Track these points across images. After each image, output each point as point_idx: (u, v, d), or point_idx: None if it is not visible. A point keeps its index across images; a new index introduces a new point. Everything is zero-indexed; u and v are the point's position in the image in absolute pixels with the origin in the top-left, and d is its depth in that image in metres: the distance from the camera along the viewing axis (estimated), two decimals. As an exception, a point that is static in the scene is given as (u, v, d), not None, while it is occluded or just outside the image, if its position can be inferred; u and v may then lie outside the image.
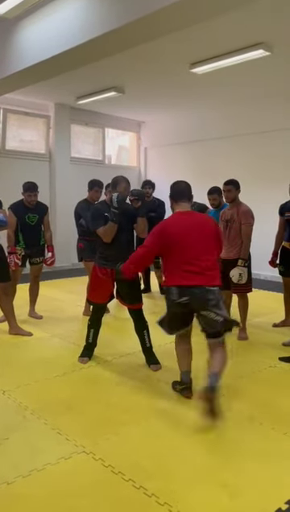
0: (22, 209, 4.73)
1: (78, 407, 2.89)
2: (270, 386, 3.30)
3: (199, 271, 2.79)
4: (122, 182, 3.47)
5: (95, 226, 3.47)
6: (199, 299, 2.78)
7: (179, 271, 2.83)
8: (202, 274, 2.79)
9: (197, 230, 2.90)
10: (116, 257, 3.43)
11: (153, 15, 3.50)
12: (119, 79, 6.68)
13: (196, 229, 2.90)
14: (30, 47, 4.82)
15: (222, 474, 2.20)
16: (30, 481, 2.12)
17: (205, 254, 2.84)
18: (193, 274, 2.79)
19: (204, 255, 2.84)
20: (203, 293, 2.77)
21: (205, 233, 2.91)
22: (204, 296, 2.77)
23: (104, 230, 3.41)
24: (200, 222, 2.96)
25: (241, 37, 4.91)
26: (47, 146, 8.62)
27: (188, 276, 2.79)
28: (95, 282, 3.61)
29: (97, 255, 3.58)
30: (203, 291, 2.77)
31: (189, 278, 2.79)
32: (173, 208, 3.06)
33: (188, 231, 2.88)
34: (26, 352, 3.97)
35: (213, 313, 2.79)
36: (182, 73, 6.07)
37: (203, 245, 2.87)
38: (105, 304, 3.77)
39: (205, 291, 2.77)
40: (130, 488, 2.08)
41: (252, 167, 7.74)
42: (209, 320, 2.82)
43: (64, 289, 6.70)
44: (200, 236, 2.88)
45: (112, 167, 9.54)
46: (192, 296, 2.78)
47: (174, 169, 9.08)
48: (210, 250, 2.89)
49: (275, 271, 4.85)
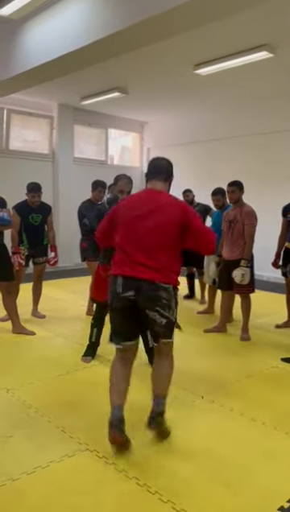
0: (26, 209, 4.75)
1: (81, 406, 2.91)
2: (272, 386, 3.32)
3: (152, 263, 2.28)
4: (123, 178, 3.51)
5: (97, 226, 3.49)
6: (148, 295, 2.29)
7: (126, 258, 2.33)
8: (156, 268, 2.28)
9: (153, 213, 2.32)
10: None
11: (157, 17, 3.53)
12: (123, 79, 6.71)
13: (152, 211, 2.33)
14: (35, 48, 4.85)
15: (225, 473, 2.21)
16: (34, 478, 2.14)
17: (163, 243, 2.31)
18: (144, 266, 2.28)
19: (162, 244, 2.31)
20: (155, 289, 2.28)
21: (162, 217, 2.32)
22: (155, 293, 2.28)
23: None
24: (166, 203, 2.38)
25: (245, 39, 4.94)
26: (50, 147, 8.65)
27: (137, 267, 2.28)
28: (98, 280, 3.63)
29: (101, 254, 3.61)
30: (155, 288, 2.28)
31: (138, 269, 2.28)
32: (146, 186, 2.55)
33: (145, 209, 2.35)
34: (30, 351, 4.00)
35: (158, 314, 2.32)
36: (186, 74, 6.10)
37: (163, 232, 2.31)
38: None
39: (157, 287, 2.28)
40: (134, 485, 2.10)
41: (255, 168, 7.75)
42: (150, 321, 2.37)
43: (66, 289, 6.72)
44: (154, 219, 2.31)
45: (115, 167, 9.56)
46: (139, 291, 2.28)
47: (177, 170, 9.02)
48: (172, 240, 2.33)
49: (278, 272, 4.87)
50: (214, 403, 2.99)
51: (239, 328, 4.47)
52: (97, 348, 3.75)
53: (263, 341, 4.32)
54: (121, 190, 3.49)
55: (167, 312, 2.35)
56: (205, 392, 3.14)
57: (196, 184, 6.65)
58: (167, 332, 2.41)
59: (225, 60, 5.52)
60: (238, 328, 4.53)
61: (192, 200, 5.89)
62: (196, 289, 6.05)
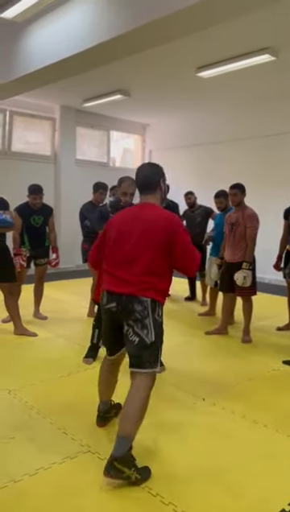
0: (28, 211, 4.77)
1: (83, 407, 2.91)
2: (274, 388, 3.32)
3: (132, 279, 2.21)
4: (127, 181, 3.51)
5: (98, 227, 3.51)
6: (125, 307, 2.22)
7: (109, 273, 2.32)
8: (133, 282, 2.21)
9: (141, 228, 2.25)
10: None
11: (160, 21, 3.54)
12: (125, 82, 6.73)
13: (140, 227, 2.25)
14: (38, 51, 4.87)
15: (227, 475, 2.22)
16: (36, 480, 2.15)
17: (143, 258, 2.22)
18: (122, 278, 2.24)
19: (142, 259, 2.22)
20: (130, 302, 2.21)
21: (151, 232, 2.23)
22: (130, 305, 2.21)
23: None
24: (149, 219, 2.27)
25: (247, 42, 4.95)
26: (52, 148, 8.67)
27: (116, 281, 2.26)
28: (100, 282, 3.62)
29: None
30: (131, 300, 2.21)
31: (117, 283, 2.26)
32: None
33: (129, 226, 2.29)
34: (31, 352, 4.00)
35: (131, 330, 2.22)
36: (188, 77, 6.11)
37: (143, 248, 2.22)
38: None
39: (132, 300, 2.21)
40: (135, 487, 2.10)
41: (257, 170, 7.76)
42: (126, 341, 2.26)
43: (68, 290, 6.73)
44: (142, 235, 2.23)
45: (117, 169, 9.58)
46: (119, 303, 2.24)
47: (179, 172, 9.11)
48: (152, 255, 2.22)
49: (280, 275, 4.87)
50: (216, 406, 2.99)
51: (241, 330, 4.47)
52: (98, 349, 3.75)
53: (264, 344, 4.32)
54: (124, 192, 3.49)
55: (139, 330, 2.19)
56: (207, 394, 3.14)
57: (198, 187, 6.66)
58: (138, 356, 2.19)
59: (228, 63, 5.54)
60: (239, 330, 4.53)
61: (194, 202, 5.90)
62: (198, 291, 6.06)
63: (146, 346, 2.19)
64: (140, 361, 2.21)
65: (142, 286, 2.20)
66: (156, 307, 2.23)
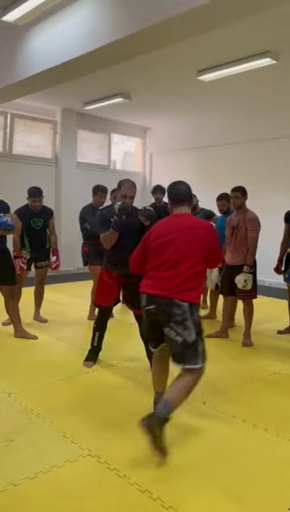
0: (28, 213, 4.77)
1: (83, 411, 2.91)
2: (274, 392, 3.31)
3: (170, 281, 2.43)
4: (126, 183, 3.48)
5: (99, 231, 3.49)
6: (163, 311, 2.43)
7: (150, 277, 2.53)
8: (173, 285, 2.42)
9: (185, 235, 2.51)
10: (122, 261, 3.45)
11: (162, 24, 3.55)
12: (126, 85, 6.75)
13: (184, 234, 2.52)
14: (39, 54, 4.88)
15: (226, 479, 2.21)
16: (36, 483, 2.14)
17: (186, 263, 2.45)
18: (163, 282, 2.45)
19: (184, 263, 2.45)
20: (168, 305, 2.41)
21: (191, 239, 2.51)
22: (168, 309, 2.41)
23: (103, 236, 3.43)
24: (190, 227, 2.56)
25: (248, 45, 4.97)
26: (53, 151, 8.69)
27: (157, 284, 2.47)
28: (101, 285, 3.63)
29: (105, 259, 3.61)
30: (168, 303, 2.40)
31: (157, 286, 2.46)
32: (171, 211, 2.73)
33: (172, 234, 2.53)
34: (32, 355, 4.00)
35: (173, 331, 2.42)
36: (189, 80, 6.13)
37: (186, 253, 2.47)
38: (111, 308, 3.79)
39: (170, 304, 2.40)
40: (135, 491, 2.09)
41: (258, 173, 7.77)
42: (168, 340, 2.48)
43: (68, 293, 6.73)
44: (185, 241, 2.49)
45: (117, 172, 9.59)
46: (157, 306, 2.45)
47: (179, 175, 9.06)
48: (194, 259, 2.47)
49: (280, 278, 4.87)
50: (216, 409, 2.98)
51: (241, 333, 4.47)
52: (98, 352, 3.75)
53: (265, 347, 4.31)
54: (124, 195, 3.47)
55: (181, 331, 2.41)
56: (207, 398, 3.13)
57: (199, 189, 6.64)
58: (181, 353, 2.43)
59: (229, 67, 5.55)
60: (239, 333, 4.52)
61: (196, 205, 5.88)
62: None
63: (188, 345, 2.41)
64: (182, 358, 2.44)
65: (181, 290, 2.42)
66: (193, 310, 2.45)
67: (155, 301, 2.46)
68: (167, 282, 2.44)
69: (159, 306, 2.45)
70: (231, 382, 3.43)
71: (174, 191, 2.74)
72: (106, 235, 3.40)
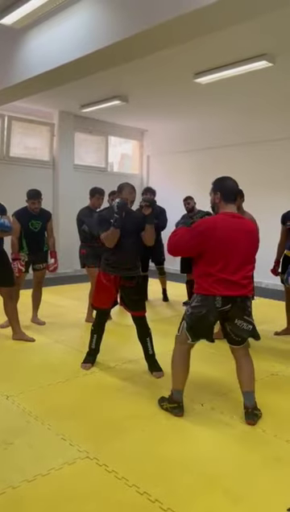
0: (26, 216, 4.78)
1: (82, 413, 2.91)
2: (272, 393, 3.32)
3: (241, 281, 2.69)
4: (127, 187, 3.50)
5: (99, 231, 3.49)
6: (239, 307, 2.73)
7: (223, 280, 2.67)
8: (243, 284, 2.71)
9: (245, 237, 2.71)
10: (121, 263, 3.47)
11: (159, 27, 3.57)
12: (123, 88, 6.77)
13: (245, 236, 2.71)
14: (37, 57, 4.89)
15: (225, 480, 2.21)
16: (34, 486, 2.14)
17: (248, 264, 2.74)
18: (236, 284, 2.68)
19: (247, 264, 2.73)
20: (244, 302, 2.75)
21: (251, 241, 2.76)
22: (244, 305, 2.76)
23: (105, 235, 3.41)
24: (249, 229, 2.77)
25: (244, 48, 4.99)
26: (50, 154, 8.69)
27: (232, 286, 2.68)
28: (99, 287, 3.63)
29: (102, 261, 3.61)
30: (244, 300, 2.75)
31: (233, 288, 2.68)
32: (218, 207, 2.77)
33: (237, 236, 2.68)
34: (30, 357, 3.99)
35: (245, 322, 2.78)
36: (186, 83, 6.15)
37: (248, 254, 2.73)
38: (109, 310, 3.80)
39: (245, 300, 2.76)
40: (134, 493, 2.10)
41: (254, 175, 7.80)
42: (238, 329, 2.78)
43: (66, 295, 6.73)
44: (246, 243, 2.71)
45: (115, 174, 9.61)
46: (234, 304, 2.72)
47: (176, 177, 9.16)
48: (252, 259, 2.79)
49: (278, 279, 4.88)
50: (214, 410, 2.99)
51: (239, 335, 4.47)
52: (96, 355, 3.75)
53: (262, 349, 4.32)
54: (125, 199, 3.48)
55: (250, 319, 2.81)
56: (205, 399, 3.14)
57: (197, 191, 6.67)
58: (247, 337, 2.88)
59: (225, 69, 5.57)
60: (237, 335, 4.53)
61: (193, 207, 5.92)
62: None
63: (254, 328, 2.85)
64: (244, 339, 2.85)
65: (249, 287, 2.77)
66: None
67: (233, 300, 2.71)
68: (241, 282, 2.70)
69: (235, 303, 2.72)
70: (229, 384, 3.43)
71: (227, 185, 2.77)
72: (108, 234, 3.38)
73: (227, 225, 2.68)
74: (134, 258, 3.56)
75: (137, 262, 3.61)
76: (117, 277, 3.50)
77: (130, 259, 3.51)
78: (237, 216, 2.77)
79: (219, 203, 2.77)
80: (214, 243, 2.65)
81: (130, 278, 3.53)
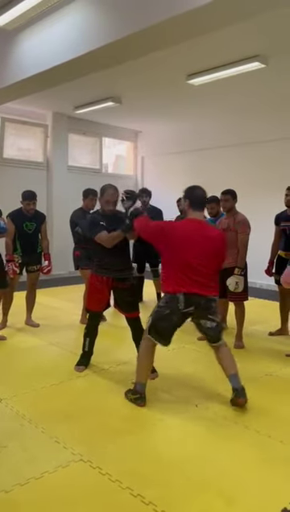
0: (21, 217, 4.76)
1: (75, 416, 2.90)
2: (266, 394, 3.33)
3: (205, 282, 2.89)
4: (109, 189, 3.46)
5: (93, 233, 3.44)
6: (203, 308, 2.93)
7: (187, 278, 2.87)
8: (208, 286, 2.91)
9: (203, 240, 2.92)
10: (112, 264, 3.46)
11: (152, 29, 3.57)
12: (116, 89, 6.77)
13: (203, 239, 2.92)
14: (29, 59, 4.88)
15: (219, 481, 2.21)
16: (28, 489, 2.13)
17: (210, 267, 2.92)
18: (201, 284, 2.87)
19: (209, 267, 2.92)
20: (208, 303, 2.94)
21: (211, 245, 2.94)
22: (208, 305, 2.94)
23: (108, 237, 3.35)
24: (210, 235, 2.99)
25: (237, 50, 5.01)
26: (44, 155, 8.67)
27: (196, 285, 2.87)
28: (92, 289, 3.62)
29: (94, 263, 3.60)
30: (208, 301, 2.93)
31: (197, 286, 2.87)
32: (186, 213, 3.05)
33: (193, 238, 2.89)
34: (23, 360, 3.98)
35: (209, 321, 2.98)
36: (179, 84, 6.16)
37: (207, 256, 2.91)
38: (102, 312, 3.79)
39: (209, 301, 2.94)
40: (128, 496, 2.09)
41: (248, 176, 7.82)
42: (204, 328, 3.02)
43: (60, 297, 6.71)
44: (204, 246, 2.90)
45: (109, 175, 9.60)
46: (197, 306, 2.91)
47: (171, 178, 9.16)
48: (214, 263, 2.97)
49: (271, 280, 4.90)
50: (208, 411, 2.99)
51: (233, 335, 4.48)
52: (90, 357, 3.74)
53: (256, 349, 4.33)
54: (107, 200, 3.46)
55: (214, 317, 2.99)
56: (199, 400, 3.14)
57: (190, 193, 6.68)
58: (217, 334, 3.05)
59: (218, 71, 5.59)
60: (231, 335, 4.53)
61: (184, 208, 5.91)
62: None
63: (219, 325, 3.04)
64: (218, 337, 3.03)
65: (213, 288, 2.95)
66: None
67: (196, 301, 2.89)
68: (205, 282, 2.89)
69: (199, 305, 2.90)
70: (223, 385, 3.42)
71: (195, 194, 3.02)
72: (113, 236, 3.33)
73: (187, 228, 2.95)
74: (126, 259, 3.56)
75: (129, 263, 3.60)
76: (109, 278, 3.49)
77: (122, 260, 3.51)
78: (201, 222, 3.03)
79: (187, 210, 3.02)
80: (172, 241, 2.90)
81: (123, 280, 3.52)
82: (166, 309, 2.94)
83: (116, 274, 3.49)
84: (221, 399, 3.17)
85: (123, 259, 3.53)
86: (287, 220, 4.57)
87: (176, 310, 2.90)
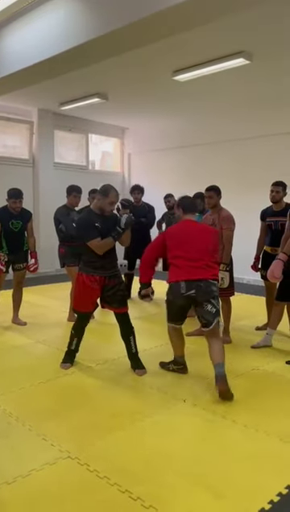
0: (7, 215, 4.71)
1: (63, 413, 2.89)
2: (253, 388, 3.36)
3: (202, 266, 3.22)
4: (113, 191, 3.44)
5: (87, 239, 3.41)
6: (204, 292, 3.18)
7: (185, 268, 3.23)
8: (205, 269, 3.22)
9: (199, 233, 3.40)
10: (103, 264, 3.46)
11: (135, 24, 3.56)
12: (102, 85, 6.73)
13: (198, 232, 3.40)
14: (14, 54, 4.82)
15: (207, 476, 2.23)
16: (15, 488, 2.12)
17: (208, 254, 3.31)
18: (197, 268, 3.21)
19: (208, 254, 3.30)
20: (208, 286, 3.20)
21: (206, 236, 3.42)
22: (209, 289, 3.20)
23: (101, 244, 3.38)
24: (202, 228, 3.57)
25: (222, 46, 5.01)
26: (30, 152, 8.59)
27: (194, 271, 3.21)
28: (81, 290, 3.57)
29: (83, 263, 3.57)
30: (208, 285, 3.20)
31: (195, 272, 3.21)
32: (181, 217, 3.51)
33: (190, 232, 3.38)
34: (11, 358, 3.95)
35: (210, 305, 3.20)
36: (165, 80, 6.15)
37: (205, 244, 3.33)
38: (91, 313, 3.78)
39: (209, 284, 3.21)
40: (116, 492, 2.09)
41: (234, 173, 7.86)
42: (203, 312, 3.22)
43: (47, 295, 6.67)
44: (201, 237, 3.36)
45: (96, 172, 9.56)
46: (198, 289, 3.18)
47: (157, 175, 9.16)
48: (212, 249, 3.38)
49: (258, 275, 4.93)
50: (196, 407, 3.01)
51: (220, 331, 4.51)
52: (75, 354, 3.73)
53: (243, 344, 4.37)
54: (112, 202, 3.43)
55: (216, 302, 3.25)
56: (187, 396, 3.15)
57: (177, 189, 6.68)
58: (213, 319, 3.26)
59: (203, 67, 5.58)
60: (219, 331, 4.57)
61: (174, 205, 5.90)
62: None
63: (218, 312, 3.28)
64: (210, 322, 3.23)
65: (211, 272, 3.26)
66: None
67: (196, 285, 3.17)
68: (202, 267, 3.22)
69: (199, 288, 3.18)
70: (211, 380, 3.45)
71: (186, 201, 3.56)
72: (105, 243, 3.39)
73: (183, 226, 3.45)
74: (115, 257, 3.60)
75: (116, 260, 3.62)
76: (102, 277, 3.49)
77: (112, 259, 3.55)
78: (193, 220, 3.51)
79: (181, 215, 3.52)
80: (174, 240, 3.36)
81: (113, 277, 3.53)
82: (170, 296, 3.32)
83: (107, 272, 3.50)
84: (209, 395, 3.19)
85: (113, 257, 3.57)
86: (273, 215, 4.61)
87: (178, 295, 3.23)
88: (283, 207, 4.54)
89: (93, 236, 3.38)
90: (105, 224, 3.42)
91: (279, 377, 3.58)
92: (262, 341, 4.25)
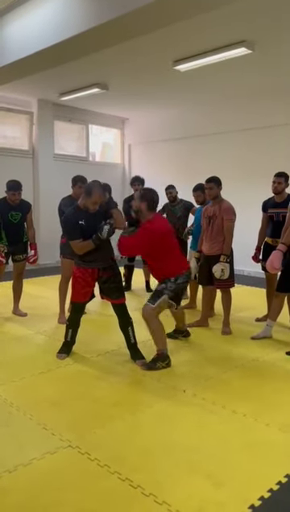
0: (6, 207, 4.70)
1: (64, 403, 2.91)
2: (253, 379, 3.37)
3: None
4: (97, 190, 3.37)
5: (70, 238, 3.47)
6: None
7: (182, 259, 3.69)
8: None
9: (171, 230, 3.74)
10: (96, 257, 3.46)
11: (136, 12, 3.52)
12: (103, 75, 6.67)
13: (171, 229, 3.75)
14: (12, 43, 4.78)
15: (207, 465, 2.24)
16: (16, 476, 2.13)
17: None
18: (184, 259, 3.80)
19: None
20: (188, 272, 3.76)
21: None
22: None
23: (81, 245, 3.42)
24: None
25: (223, 35, 4.96)
26: (30, 143, 8.55)
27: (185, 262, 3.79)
28: (75, 282, 3.61)
29: (77, 256, 3.58)
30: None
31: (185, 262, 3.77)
32: (146, 213, 3.47)
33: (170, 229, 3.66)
34: (11, 349, 3.96)
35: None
36: (165, 70, 6.10)
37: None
38: (85, 304, 3.79)
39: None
40: (116, 480, 2.11)
41: (236, 164, 7.82)
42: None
43: (48, 286, 6.66)
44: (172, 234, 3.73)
45: (96, 163, 9.52)
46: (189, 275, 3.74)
47: (158, 166, 9.12)
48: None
49: (258, 267, 4.93)
50: (196, 397, 3.02)
51: (220, 322, 4.52)
52: (72, 346, 3.75)
53: (243, 335, 4.38)
54: (95, 202, 3.39)
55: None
56: (187, 386, 3.17)
57: (178, 180, 6.67)
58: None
59: (204, 57, 5.52)
60: (219, 322, 4.58)
61: (175, 196, 5.87)
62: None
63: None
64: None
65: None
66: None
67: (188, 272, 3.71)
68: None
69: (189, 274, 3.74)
70: (211, 370, 3.47)
71: (153, 197, 3.52)
72: (84, 245, 3.41)
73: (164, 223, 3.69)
74: (109, 249, 3.58)
75: (112, 251, 3.61)
76: (94, 270, 3.50)
77: (106, 252, 3.53)
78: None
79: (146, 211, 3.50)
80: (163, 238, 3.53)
81: (108, 268, 3.53)
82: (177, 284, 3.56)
83: (100, 264, 3.50)
84: (208, 385, 3.21)
85: (106, 250, 3.53)
86: (275, 206, 4.59)
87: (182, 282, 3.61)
88: (285, 198, 4.52)
89: (75, 236, 3.42)
90: (90, 221, 3.41)
91: (279, 368, 3.59)
92: (262, 333, 4.26)
